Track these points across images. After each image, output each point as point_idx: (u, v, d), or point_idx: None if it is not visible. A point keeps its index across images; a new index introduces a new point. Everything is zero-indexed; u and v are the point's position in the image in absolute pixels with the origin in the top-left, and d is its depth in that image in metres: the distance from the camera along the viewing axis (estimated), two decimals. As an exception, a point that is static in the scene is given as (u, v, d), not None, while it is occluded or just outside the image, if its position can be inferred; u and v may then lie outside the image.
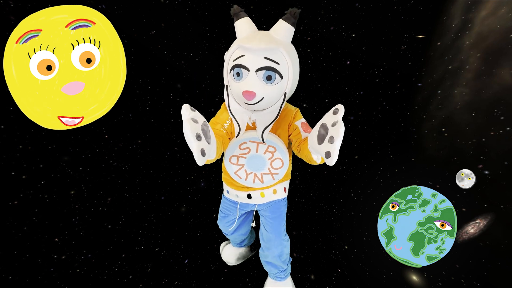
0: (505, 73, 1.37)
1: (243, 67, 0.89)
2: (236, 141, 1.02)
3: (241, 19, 0.95)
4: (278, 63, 0.88)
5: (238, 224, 1.30)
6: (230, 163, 1.07)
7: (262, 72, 0.88)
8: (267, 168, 1.06)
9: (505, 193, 1.40)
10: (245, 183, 1.12)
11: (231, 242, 1.51)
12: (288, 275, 1.36)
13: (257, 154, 1.03)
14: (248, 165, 1.06)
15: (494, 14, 1.37)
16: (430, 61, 1.53)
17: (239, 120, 0.98)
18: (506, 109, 1.38)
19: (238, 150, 1.04)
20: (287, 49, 0.91)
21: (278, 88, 0.91)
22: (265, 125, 0.97)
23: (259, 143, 1.01)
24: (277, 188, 1.16)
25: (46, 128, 1.37)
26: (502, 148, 1.39)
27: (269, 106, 0.95)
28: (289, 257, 1.35)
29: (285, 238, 1.27)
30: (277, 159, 1.04)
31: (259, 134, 0.98)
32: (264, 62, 0.87)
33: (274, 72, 0.88)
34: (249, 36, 0.92)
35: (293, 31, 0.95)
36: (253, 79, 0.88)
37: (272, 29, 0.95)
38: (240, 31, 0.96)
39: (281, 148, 1.02)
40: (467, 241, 1.44)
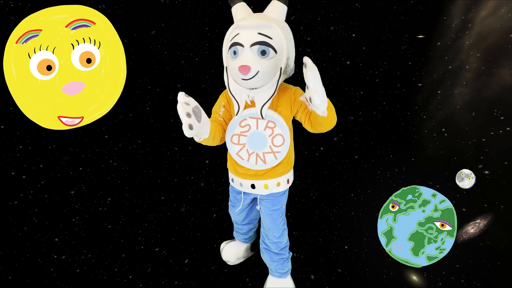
0: (505, 73, 1.38)
1: (238, 44, 0.93)
2: (236, 118, 1.06)
3: (236, 5, 1.01)
4: (271, 37, 0.92)
5: (247, 212, 1.34)
6: (232, 143, 1.10)
7: (256, 47, 0.91)
8: (269, 146, 1.07)
9: (505, 193, 1.40)
10: (247, 165, 1.13)
11: (236, 234, 1.52)
12: (288, 272, 1.36)
13: (258, 131, 1.06)
14: (249, 144, 1.08)
15: (494, 14, 1.37)
16: (430, 61, 1.53)
17: (238, 98, 1.02)
18: (506, 109, 1.38)
19: (238, 128, 1.07)
20: (280, 25, 0.95)
21: (273, 63, 0.94)
22: (263, 102, 1.00)
23: (258, 119, 1.04)
24: (280, 181, 1.17)
25: (46, 128, 1.37)
26: (502, 148, 1.39)
27: (266, 82, 0.97)
28: (289, 252, 1.36)
29: (283, 227, 1.29)
30: (277, 135, 1.06)
31: (258, 110, 1.01)
32: (257, 37, 0.91)
33: (267, 46, 0.91)
34: (244, 17, 0.98)
35: (286, 9, 0.99)
36: (248, 54, 0.92)
37: (266, 10, 1.01)
38: (236, 15, 1.02)
39: (280, 123, 1.04)
40: (467, 241, 1.44)
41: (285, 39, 0.94)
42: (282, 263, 1.32)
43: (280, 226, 1.26)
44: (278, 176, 1.16)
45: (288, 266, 1.36)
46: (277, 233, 1.26)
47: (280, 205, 1.24)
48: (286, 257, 1.33)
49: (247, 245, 1.54)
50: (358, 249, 1.61)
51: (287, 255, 1.34)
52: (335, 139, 1.74)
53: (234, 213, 1.38)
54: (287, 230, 1.33)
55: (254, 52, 0.92)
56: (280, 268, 1.32)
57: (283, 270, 1.33)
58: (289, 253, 1.36)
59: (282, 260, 1.32)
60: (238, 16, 1.01)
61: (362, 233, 1.61)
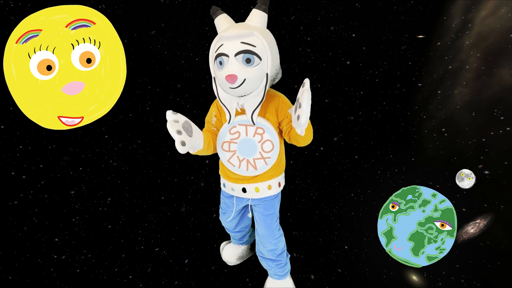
0: (505, 73, 1.37)
1: (224, 54, 0.95)
2: (226, 126, 1.08)
3: (218, 16, 1.03)
4: (255, 45, 0.94)
5: (239, 219, 1.34)
6: (223, 150, 1.12)
7: (240, 56, 0.94)
8: (259, 152, 1.09)
9: (505, 193, 1.40)
10: (239, 172, 1.14)
11: (232, 239, 1.52)
12: (288, 273, 1.36)
13: (247, 138, 1.08)
14: (239, 151, 1.10)
15: (494, 14, 1.37)
16: (430, 61, 1.53)
17: (229, 107, 1.04)
18: (506, 109, 1.38)
19: (228, 135, 1.09)
20: (262, 33, 0.97)
21: (258, 70, 0.96)
22: (253, 108, 1.02)
23: (247, 126, 1.06)
24: (271, 184, 1.17)
25: (46, 128, 1.37)
26: (502, 148, 1.39)
27: (253, 89, 0.99)
28: (287, 253, 1.35)
29: (279, 233, 1.28)
30: (267, 141, 1.07)
31: (249, 117, 1.03)
32: (241, 46, 0.94)
33: (252, 54, 0.94)
34: (227, 28, 1.00)
35: (266, 16, 1.01)
36: (233, 63, 0.95)
37: (247, 19, 1.02)
38: (219, 26, 1.03)
39: (269, 129, 1.06)
40: (467, 241, 1.44)
41: (268, 46, 0.96)
42: (280, 267, 1.32)
43: (275, 232, 1.25)
44: (269, 179, 1.16)
45: (287, 268, 1.36)
46: (273, 240, 1.25)
47: (274, 210, 1.23)
48: (284, 262, 1.33)
49: (246, 246, 1.54)
50: (358, 249, 1.61)
51: (284, 260, 1.33)
52: (335, 139, 1.74)
53: (225, 220, 1.36)
54: (283, 236, 1.32)
55: (239, 61, 0.94)
56: (278, 271, 1.32)
57: (282, 273, 1.33)
58: (287, 256, 1.36)
59: (280, 265, 1.31)
60: (221, 27, 1.02)
61: (362, 233, 1.61)
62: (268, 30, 1.03)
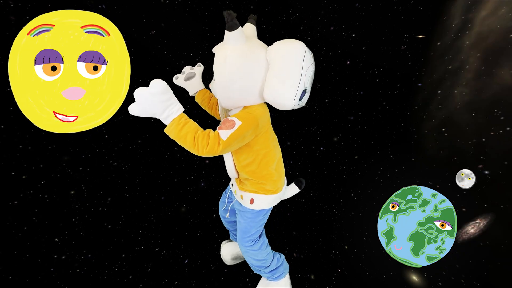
0: (505, 73, 1.38)
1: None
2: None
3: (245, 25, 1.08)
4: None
5: (230, 210, 1.35)
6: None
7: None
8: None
9: (505, 193, 1.40)
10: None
11: (230, 234, 1.52)
12: (281, 276, 1.33)
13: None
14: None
15: (494, 14, 1.37)
16: (430, 61, 1.53)
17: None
18: (506, 109, 1.38)
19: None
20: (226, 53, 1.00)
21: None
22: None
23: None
24: (244, 195, 1.14)
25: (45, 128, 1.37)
26: (502, 148, 1.39)
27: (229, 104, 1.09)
28: (280, 254, 1.33)
29: (250, 247, 1.20)
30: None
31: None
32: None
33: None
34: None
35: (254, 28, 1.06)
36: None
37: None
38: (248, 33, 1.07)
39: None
40: (467, 241, 1.44)
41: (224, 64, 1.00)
42: (266, 273, 1.29)
43: (244, 243, 1.19)
44: (244, 189, 1.13)
45: (279, 271, 1.31)
46: (244, 251, 1.21)
47: (246, 224, 1.18)
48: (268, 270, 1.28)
49: None
50: (358, 249, 1.61)
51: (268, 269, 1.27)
52: (335, 139, 1.74)
53: (220, 206, 1.40)
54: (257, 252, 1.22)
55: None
56: (268, 275, 1.30)
57: (273, 276, 1.31)
58: (280, 256, 1.33)
59: (264, 272, 1.28)
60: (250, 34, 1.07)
61: (362, 233, 1.61)
62: (240, 48, 0.99)
